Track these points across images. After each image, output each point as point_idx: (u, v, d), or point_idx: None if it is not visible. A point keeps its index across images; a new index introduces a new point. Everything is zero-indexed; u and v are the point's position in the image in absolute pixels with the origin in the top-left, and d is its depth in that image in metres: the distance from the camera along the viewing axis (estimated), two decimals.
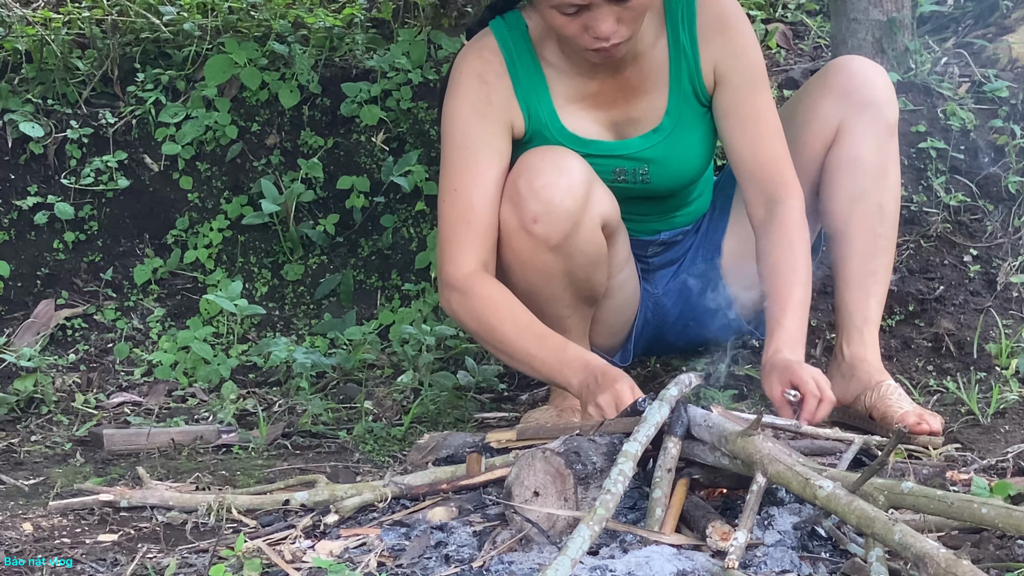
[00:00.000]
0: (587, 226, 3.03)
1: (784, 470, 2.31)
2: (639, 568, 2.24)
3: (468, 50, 3.14)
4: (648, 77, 3.14)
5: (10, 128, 4.10)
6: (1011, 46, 4.26)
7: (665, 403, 2.50)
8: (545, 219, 2.97)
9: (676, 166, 3.20)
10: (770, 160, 3.13)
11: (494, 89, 3.08)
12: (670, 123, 3.15)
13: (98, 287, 4.10)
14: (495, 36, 3.12)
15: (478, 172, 3.04)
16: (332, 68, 4.28)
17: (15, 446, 3.44)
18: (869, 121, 3.19)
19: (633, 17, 2.94)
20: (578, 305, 3.17)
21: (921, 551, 2.07)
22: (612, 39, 2.93)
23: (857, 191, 3.20)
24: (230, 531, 2.68)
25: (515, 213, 3.00)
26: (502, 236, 3.05)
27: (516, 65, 3.10)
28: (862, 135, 3.19)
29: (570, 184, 2.98)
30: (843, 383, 3.18)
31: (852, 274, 3.22)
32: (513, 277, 3.12)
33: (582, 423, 2.82)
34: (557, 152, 3.03)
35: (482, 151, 3.05)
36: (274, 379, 3.81)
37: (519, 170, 3.01)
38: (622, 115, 3.16)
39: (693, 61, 3.12)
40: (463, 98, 3.08)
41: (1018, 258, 3.84)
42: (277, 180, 4.17)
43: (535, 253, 3.02)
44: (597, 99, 3.14)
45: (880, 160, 3.20)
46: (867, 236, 3.21)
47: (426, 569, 2.36)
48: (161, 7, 4.32)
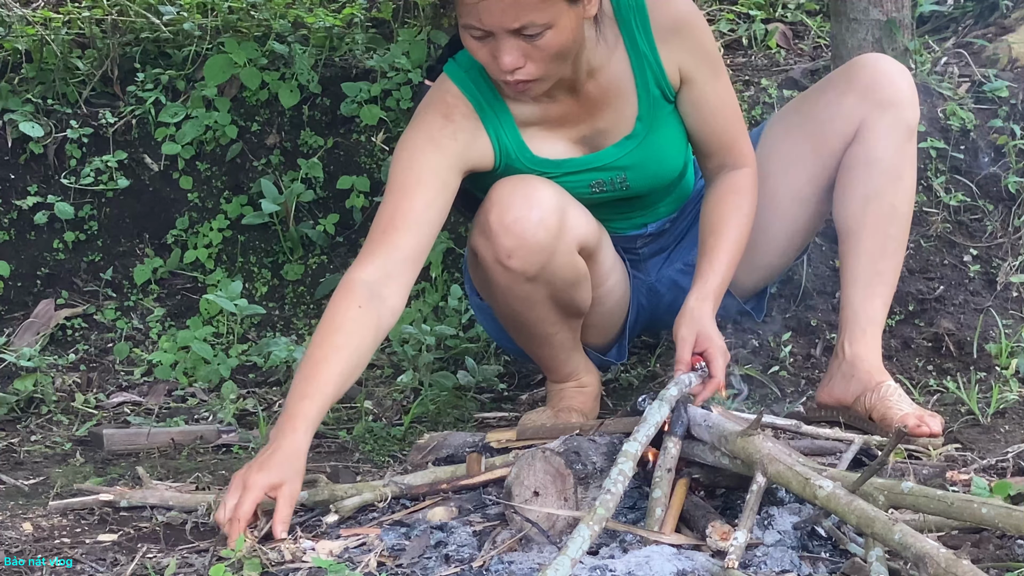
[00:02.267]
0: (563, 252, 3.02)
1: (784, 470, 2.31)
2: (639, 568, 2.24)
3: (430, 97, 3.07)
4: (610, 88, 3.09)
5: (10, 128, 4.10)
6: (1011, 46, 4.26)
7: (665, 403, 2.50)
8: (519, 253, 2.96)
9: (654, 168, 3.18)
10: (731, 140, 3.17)
11: (460, 128, 3.01)
12: (643, 128, 3.13)
13: (98, 287, 4.10)
14: (453, 80, 3.03)
15: (414, 192, 2.93)
16: (332, 68, 4.27)
17: (15, 446, 3.44)
18: (890, 122, 3.17)
19: (544, 57, 2.84)
20: (564, 321, 3.17)
21: (921, 551, 2.07)
22: (517, 75, 2.85)
23: (872, 191, 3.19)
24: None
25: (490, 248, 2.97)
26: (480, 264, 3.04)
27: (480, 102, 3.03)
28: (882, 135, 3.18)
29: (541, 217, 2.95)
30: (843, 383, 3.18)
31: (859, 273, 3.22)
32: (495, 303, 3.14)
33: (582, 423, 2.83)
34: (526, 183, 2.99)
35: (425, 175, 2.95)
36: (274, 379, 3.81)
37: (490, 203, 2.98)
38: (589, 128, 3.11)
39: (656, 64, 3.09)
40: (422, 132, 3.01)
41: (1018, 258, 3.84)
42: (277, 180, 4.17)
43: (514, 284, 3.02)
44: (562, 120, 3.10)
45: (897, 162, 3.19)
46: (878, 236, 3.20)
47: (426, 569, 2.37)
48: (161, 7, 4.32)
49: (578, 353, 3.29)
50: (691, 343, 2.93)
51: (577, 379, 3.30)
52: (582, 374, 3.30)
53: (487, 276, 3.05)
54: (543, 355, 3.27)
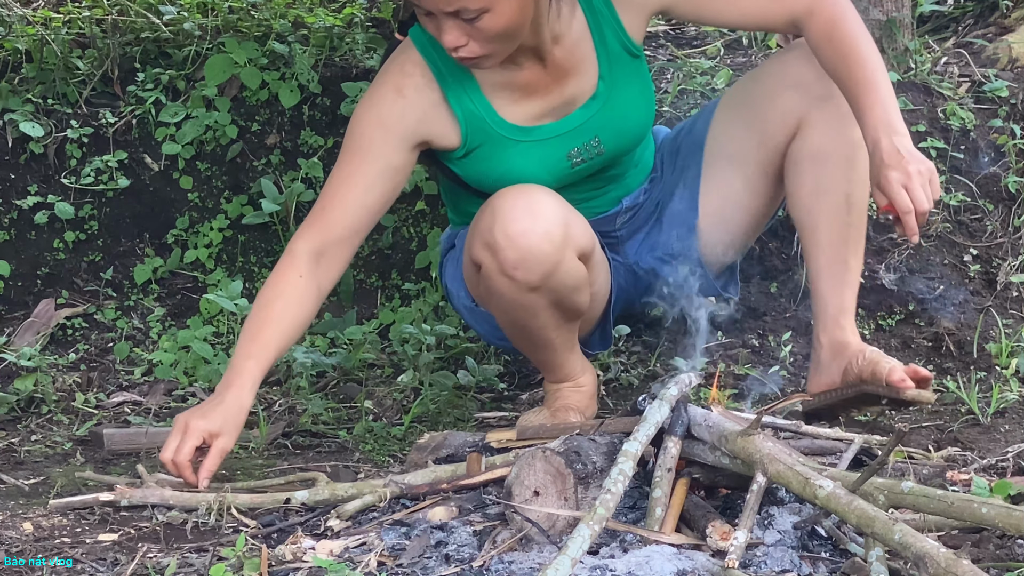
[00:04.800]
0: (567, 261, 3.01)
1: (784, 470, 2.31)
2: (639, 568, 2.24)
3: (390, 63, 3.11)
4: (575, 53, 3.10)
5: (10, 128, 4.10)
6: (1011, 46, 4.26)
7: (665, 403, 2.50)
8: (525, 265, 2.95)
9: (623, 125, 3.16)
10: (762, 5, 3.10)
11: (411, 104, 3.05)
12: (605, 87, 3.13)
13: (98, 287, 4.10)
14: (415, 45, 3.08)
15: (356, 172, 3.05)
16: (332, 68, 4.27)
17: (15, 446, 3.44)
18: (830, 115, 3.11)
19: (485, 37, 2.89)
20: (564, 324, 3.16)
21: (921, 551, 2.07)
22: (460, 52, 2.91)
23: (822, 186, 3.15)
24: (230, 531, 2.68)
25: (494, 260, 2.97)
26: (482, 275, 3.03)
27: (441, 69, 3.06)
28: (823, 129, 3.12)
29: (547, 229, 2.95)
30: (828, 367, 3.16)
31: (823, 265, 3.19)
32: (496, 312, 3.13)
33: (582, 423, 2.83)
34: (528, 193, 2.99)
35: (369, 156, 3.05)
36: (274, 378, 3.81)
37: (492, 215, 2.97)
38: (559, 99, 3.13)
39: (612, 19, 3.09)
40: (373, 108, 3.07)
41: (1018, 258, 3.84)
42: (277, 180, 4.17)
43: (518, 294, 3.01)
44: (529, 88, 3.11)
45: (845, 151, 3.13)
46: (835, 228, 3.16)
47: (426, 569, 2.37)
48: (161, 7, 4.32)
49: (575, 353, 3.29)
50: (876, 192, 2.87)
51: (574, 379, 3.30)
52: (579, 374, 3.30)
53: (489, 286, 3.04)
54: (542, 359, 3.27)
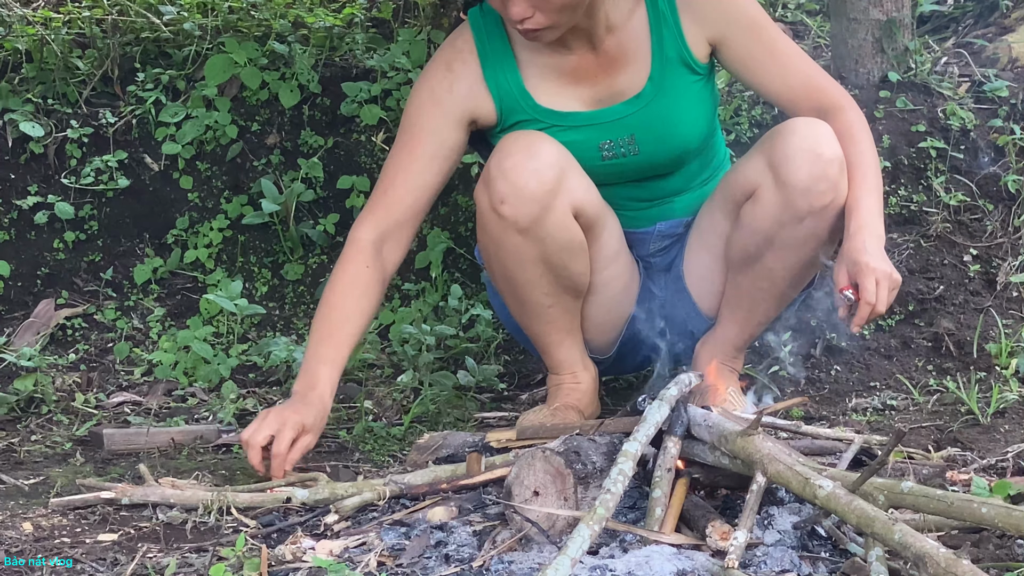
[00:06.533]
0: (557, 211, 3.05)
1: (784, 470, 2.31)
2: (639, 568, 2.24)
3: (452, 35, 3.25)
4: (628, 48, 3.15)
5: (10, 128, 4.10)
6: (1011, 46, 4.27)
7: (665, 403, 2.50)
8: (512, 200, 3.02)
9: (663, 131, 3.17)
10: (803, 81, 3.13)
11: (459, 77, 3.17)
12: (652, 88, 3.15)
13: (98, 287, 4.10)
14: (470, 24, 3.20)
15: (413, 152, 3.16)
16: (332, 68, 4.27)
17: (15, 446, 3.44)
18: (780, 201, 3.06)
19: (551, 8, 2.96)
20: (560, 295, 3.16)
21: (921, 551, 2.07)
22: (526, 24, 2.98)
23: (751, 255, 3.16)
24: (230, 531, 2.68)
25: (486, 193, 3.06)
26: (477, 218, 3.13)
27: (487, 48, 3.17)
28: (768, 211, 3.08)
29: (537, 168, 3.02)
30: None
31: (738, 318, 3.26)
32: (490, 261, 3.17)
33: (582, 423, 2.83)
34: (532, 136, 3.07)
35: (424, 134, 3.16)
36: (274, 379, 3.81)
37: (495, 152, 3.08)
38: (605, 91, 3.17)
39: (675, 25, 3.13)
40: (426, 83, 3.20)
41: (1018, 258, 3.84)
42: (277, 180, 4.17)
43: (504, 235, 3.06)
44: (577, 74, 3.16)
45: (779, 236, 3.09)
46: (753, 296, 3.20)
47: (426, 569, 2.37)
48: (161, 7, 4.32)
49: (574, 342, 3.28)
50: (844, 273, 2.92)
51: (572, 371, 3.29)
52: (578, 368, 3.30)
53: (483, 226, 3.11)
54: (538, 331, 3.26)
